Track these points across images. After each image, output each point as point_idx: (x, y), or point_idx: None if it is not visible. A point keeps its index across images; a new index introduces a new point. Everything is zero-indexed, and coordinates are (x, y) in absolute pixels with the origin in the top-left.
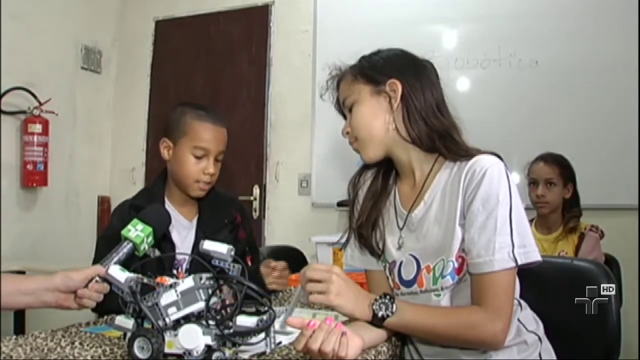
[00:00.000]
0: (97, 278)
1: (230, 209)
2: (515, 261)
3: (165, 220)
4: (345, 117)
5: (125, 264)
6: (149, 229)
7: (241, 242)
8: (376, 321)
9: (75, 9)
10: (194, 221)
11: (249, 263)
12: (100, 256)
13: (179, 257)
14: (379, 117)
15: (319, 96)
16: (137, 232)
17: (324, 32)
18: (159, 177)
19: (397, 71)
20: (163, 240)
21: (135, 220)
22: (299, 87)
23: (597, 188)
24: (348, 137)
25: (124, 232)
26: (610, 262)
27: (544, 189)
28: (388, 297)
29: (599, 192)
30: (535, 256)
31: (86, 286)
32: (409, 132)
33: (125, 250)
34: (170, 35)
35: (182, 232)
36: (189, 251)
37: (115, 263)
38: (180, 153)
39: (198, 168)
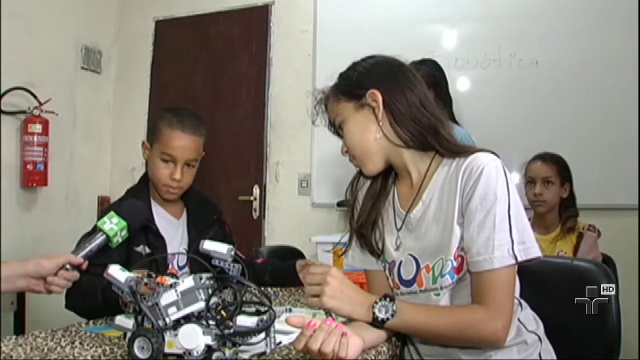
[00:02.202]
0: (68, 266)
1: (214, 207)
2: (515, 258)
3: (141, 215)
4: (341, 136)
5: (97, 254)
6: (124, 223)
7: (230, 236)
8: (376, 324)
9: (75, 9)
10: (182, 219)
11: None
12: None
13: (170, 251)
14: (370, 131)
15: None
16: (111, 225)
17: (324, 32)
18: (143, 177)
19: (373, 80)
20: (153, 236)
21: (111, 213)
22: (299, 87)
23: (597, 188)
24: (347, 155)
25: (99, 223)
26: (607, 262)
27: (541, 187)
28: (388, 299)
29: (598, 192)
30: (535, 252)
31: (56, 274)
32: (400, 136)
33: (97, 242)
34: (170, 35)
35: (171, 229)
36: (180, 248)
37: (86, 253)
38: (152, 156)
39: (166, 173)
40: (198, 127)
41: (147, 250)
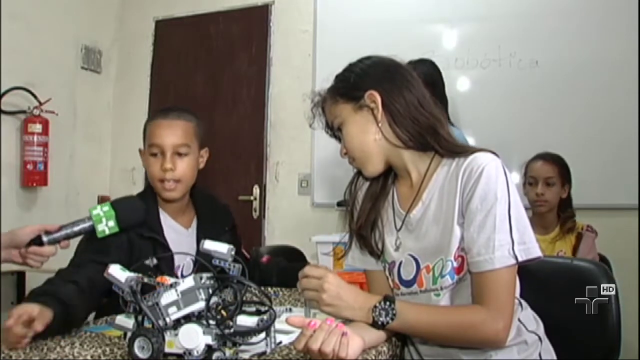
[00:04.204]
0: (45, 238)
1: (226, 216)
2: (516, 258)
3: (134, 213)
4: (339, 138)
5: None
6: (112, 213)
7: (239, 239)
8: (377, 327)
9: (75, 9)
10: (192, 229)
11: (246, 255)
12: (81, 254)
13: (177, 262)
14: (369, 132)
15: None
16: (99, 211)
17: (324, 32)
18: (147, 186)
19: (371, 81)
20: (160, 247)
21: (105, 203)
22: (299, 87)
23: (597, 188)
24: (346, 157)
25: (91, 208)
26: (602, 262)
27: (543, 187)
28: (388, 302)
29: (598, 192)
30: (535, 252)
31: (29, 246)
32: (399, 136)
33: (83, 225)
34: (170, 35)
35: (179, 240)
36: (187, 258)
37: (67, 233)
38: (144, 157)
39: (157, 167)
40: (182, 113)
41: (155, 261)
